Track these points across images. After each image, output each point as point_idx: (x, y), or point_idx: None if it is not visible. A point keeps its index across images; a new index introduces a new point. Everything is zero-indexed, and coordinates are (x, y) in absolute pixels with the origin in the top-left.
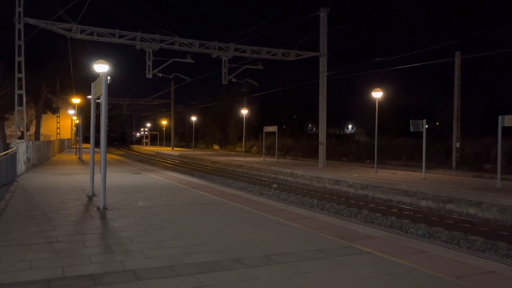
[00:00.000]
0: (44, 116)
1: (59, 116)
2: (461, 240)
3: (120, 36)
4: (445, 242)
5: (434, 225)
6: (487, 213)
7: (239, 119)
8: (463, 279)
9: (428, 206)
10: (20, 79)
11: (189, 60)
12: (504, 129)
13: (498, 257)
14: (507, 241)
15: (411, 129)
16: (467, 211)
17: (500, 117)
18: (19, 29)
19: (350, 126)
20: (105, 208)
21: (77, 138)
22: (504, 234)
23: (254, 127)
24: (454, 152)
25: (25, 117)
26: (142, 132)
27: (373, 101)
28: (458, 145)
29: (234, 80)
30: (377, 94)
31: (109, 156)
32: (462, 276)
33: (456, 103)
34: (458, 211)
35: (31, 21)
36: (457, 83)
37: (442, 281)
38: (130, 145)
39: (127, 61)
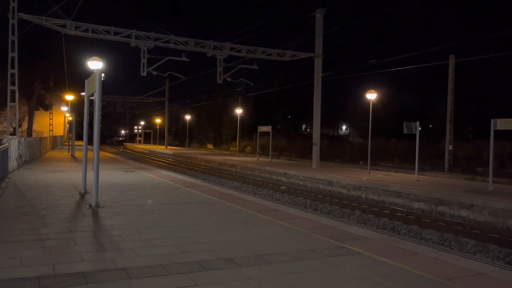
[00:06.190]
0: (36, 113)
1: (52, 113)
2: (452, 242)
3: (115, 33)
4: (436, 243)
5: (426, 227)
6: (478, 216)
7: (234, 118)
8: (454, 281)
9: (420, 208)
10: (13, 75)
11: (184, 58)
12: (496, 132)
13: (488, 259)
14: (498, 244)
15: (405, 131)
16: (459, 213)
17: (492, 120)
18: (13, 25)
19: (344, 127)
20: (97, 206)
21: (70, 135)
22: (495, 237)
23: (249, 127)
24: (446, 155)
25: (17, 113)
26: (136, 130)
27: (367, 102)
28: (450, 147)
29: (229, 79)
30: (371, 96)
31: (102, 153)
32: (453, 278)
33: (450, 106)
34: (450, 213)
35: (25, 16)
36: (450, 86)
37: (433, 283)
38: (124, 143)
39: (122, 58)
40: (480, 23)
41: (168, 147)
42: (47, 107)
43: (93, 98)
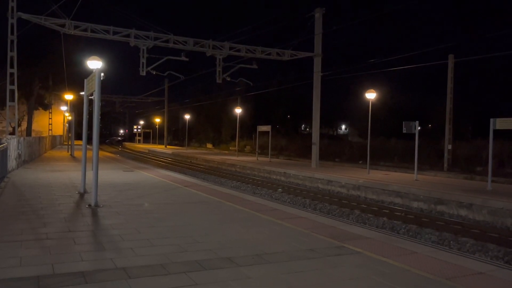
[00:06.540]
0: (36, 112)
1: (51, 112)
2: (451, 242)
3: (114, 33)
4: (435, 243)
5: (425, 226)
6: (477, 215)
7: (233, 118)
8: (453, 280)
9: (419, 207)
10: (12, 74)
11: (183, 58)
12: (495, 132)
13: (487, 258)
14: (497, 243)
15: (404, 131)
16: (458, 212)
17: (491, 120)
18: (12, 24)
19: (343, 127)
20: (96, 205)
21: (69, 135)
22: (494, 236)
23: (248, 126)
24: (446, 154)
25: (16, 113)
26: (135, 130)
27: (366, 102)
28: (450, 147)
29: (228, 79)
30: (371, 95)
31: (101, 153)
32: (452, 277)
33: (449, 106)
34: (449, 213)
35: (24, 16)
36: (450, 85)
37: (432, 282)
38: (123, 143)
39: (121, 58)
40: (480, 22)
41: (168, 146)
42: (46, 107)
43: (92, 97)
